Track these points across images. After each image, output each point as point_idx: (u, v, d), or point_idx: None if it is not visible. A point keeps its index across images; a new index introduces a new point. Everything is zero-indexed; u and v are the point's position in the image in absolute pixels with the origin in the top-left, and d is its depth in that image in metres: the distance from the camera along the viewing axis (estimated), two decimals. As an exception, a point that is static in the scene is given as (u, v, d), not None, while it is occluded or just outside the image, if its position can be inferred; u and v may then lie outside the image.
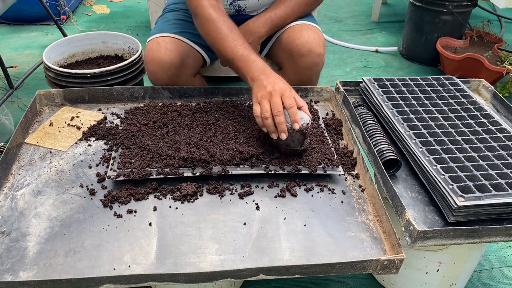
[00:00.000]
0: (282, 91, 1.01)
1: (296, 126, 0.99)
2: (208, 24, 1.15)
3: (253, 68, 1.08)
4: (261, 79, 1.05)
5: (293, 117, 0.99)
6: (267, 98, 1.01)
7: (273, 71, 1.09)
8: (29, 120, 1.16)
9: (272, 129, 1.00)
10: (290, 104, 1.00)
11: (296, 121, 0.99)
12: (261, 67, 1.08)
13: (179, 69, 1.30)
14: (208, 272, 0.79)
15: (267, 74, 1.06)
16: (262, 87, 1.03)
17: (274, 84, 1.03)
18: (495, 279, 1.36)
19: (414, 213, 0.95)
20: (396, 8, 3.34)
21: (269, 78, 1.05)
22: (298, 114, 1.00)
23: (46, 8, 2.18)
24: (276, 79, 1.05)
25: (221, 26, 1.14)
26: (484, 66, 2.18)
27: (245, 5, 1.33)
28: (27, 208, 0.92)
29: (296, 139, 1.01)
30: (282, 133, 0.99)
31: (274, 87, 1.02)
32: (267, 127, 1.01)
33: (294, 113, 0.99)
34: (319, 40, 1.32)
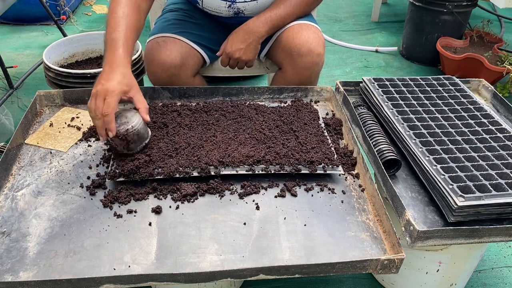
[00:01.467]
0: (107, 93, 0.97)
1: (110, 135, 0.97)
2: (112, 3, 1.12)
3: (109, 56, 1.03)
4: (103, 71, 1.01)
5: (106, 125, 0.96)
6: (94, 97, 0.98)
7: (126, 66, 1.02)
8: (29, 121, 1.16)
9: (99, 132, 0.98)
10: (105, 111, 0.95)
11: (109, 130, 0.97)
12: (116, 57, 1.02)
13: (179, 69, 1.30)
14: (208, 272, 0.79)
15: (112, 67, 1.01)
16: (98, 82, 1.00)
17: (105, 82, 0.98)
18: (495, 279, 1.36)
19: (414, 213, 0.95)
20: (396, 8, 3.34)
21: (110, 74, 1.00)
22: (125, 118, 0.99)
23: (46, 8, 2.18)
24: (115, 76, 0.99)
25: (118, 9, 1.09)
26: (484, 66, 2.18)
27: (244, 7, 1.33)
28: (27, 209, 0.92)
29: (119, 143, 1.00)
30: (100, 136, 0.98)
31: (102, 87, 0.97)
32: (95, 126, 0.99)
33: (107, 121, 0.96)
34: (318, 40, 1.32)
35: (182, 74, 1.32)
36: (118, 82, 0.99)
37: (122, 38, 1.05)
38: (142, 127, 1.01)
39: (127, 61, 1.04)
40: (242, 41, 1.29)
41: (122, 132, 0.98)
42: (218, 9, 1.35)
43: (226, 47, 1.32)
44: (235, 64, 1.34)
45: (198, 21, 1.42)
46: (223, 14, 1.37)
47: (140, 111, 1.01)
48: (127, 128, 0.98)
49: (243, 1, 1.32)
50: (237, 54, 1.30)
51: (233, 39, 1.30)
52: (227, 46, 1.31)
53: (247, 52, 1.30)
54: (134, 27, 1.10)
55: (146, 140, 1.03)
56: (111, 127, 0.96)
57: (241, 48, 1.29)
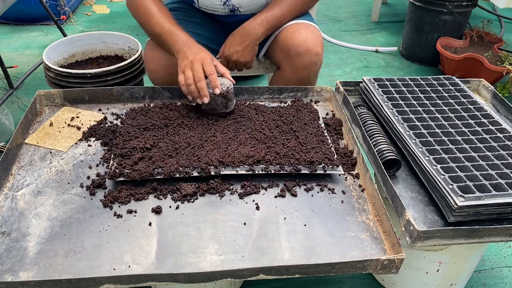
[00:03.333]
0: (203, 59, 1.11)
1: (217, 91, 1.10)
2: (137, 5, 1.23)
3: (177, 40, 1.17)
4: (184, 50, 1.14)
5: (213, 83, 1.10)
6: (189, 67, 1.10)
7: (196, 43, 1.17)
8: (29, 120, 1.16)
9: (196, 95, 1.10)
10: (210, 71, 1.10)
11: (216, 87, 1.10)
12: (184, 40, 1.17)
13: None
14: (208, 272, 0.79)
15: (189, 46, 1.15)
16: (185, 57, 1.13)
17: (195, 54, 1.12)
18: (495, 279, 1.36)
19: (414, 213, 0.95)
20: (396, 8, 3.34)
21: (191, 49, 1.14)
22: (218, 80, 1.11)
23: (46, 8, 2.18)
24: (197, 49, 1.14)
25: (151, 6, 1.22)
26: (484, 66, 2.18)
27: (239, 4, 1.33)
28: (27, 209, 0.92)
29: (220, 102, 1.13)
30: (204, 97, 1.09)
31: (195, 57, 1.11)
32: (191, 93, 1.11)
33: (214, 79, 1.10)
34: (316, 39, 1.32)
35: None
36: (205, 52, 1.15)
37: (175, 27, 1.20)
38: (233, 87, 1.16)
39: (195, 41, 1.18)
40: (239, 43, 1.29)
41: (225, 89, 1.12)
42: (213, 7, 1.35)
43: (224, 50, 1.32)
44: (234, 67, 1.34)
45: (196, 20, 1.42)
46: (219, 12, 1.37)
47: (226, 74, 1.15)
48: (228, 86, 1.13)
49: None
50: (235, 56, 1.30)
51: (231, 42, 1.31)
52: (224, 50, 1.32)
53: (245, 54, 1.30)
54: (172, 17, 1.24)
55: (234, 101, 1.18)
56: (218, 83, 1.10)
57: (238, 51, 1.29)
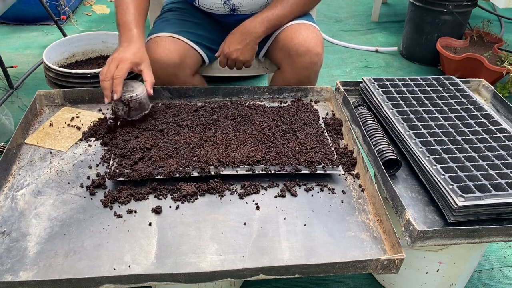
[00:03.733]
0: (121, 60, 1.08)
1: (114, 96, 1.06)
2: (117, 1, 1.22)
3: (126, 35, 1.15)
4: (121, 45, 1.14)
5: (114, 87, 1.06)
6: (109, 63, 1.09)
7: (138, 43, 1.14)
8: (29, 121, 1.16)
9: (105, 93, 1.08)
10: (116, 74, 1.07)
11: (115, 92, 1.06)
12: (130, 36, 1.14)
13: (178, 68, 1.30)
14: (208, 272, 0.79)
15: (129, 42, 1.13)
16: (114, 52, 1.12)
17: (121, 52, 1.11)
18: (495, 279, 1.36)
19: (414, 213, 0.95)
20: (396, 8, 3.34)
21: (127, 47, 1.12)
22: (132, 86, 1.10)
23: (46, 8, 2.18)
24: (131, 49, 1.12)
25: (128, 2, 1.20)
26: (484, 66, 2.18)
27: (239, 4, 1.33)
28: (27, 208, 0.92)
29: (121, 108, 1.09)
30: (105, 97, 1.07)
31: (119, 55, 1.10)
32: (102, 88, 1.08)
33: (116, 83, 1.06)
34: (317, 39, 1.32)
35: (181, 73, 1.32)
36: (132, 54, 1.11)
37: (133, 20, 1.17)
38: (145, 97, 1.11)
39: (141, 40, 1.16)
40: (239, 41, 1.29)
41: (127, 97, 1.08)
42: (213, 6, 1.35)
43: (223, 48, 1.32)
44: (233, 65, 1.34)
45: (197, 20, 1.42)
46: (219, 12, 1.37)
47: (146, 83, 1.12)
48: (131, 95, 1.09)
49: None
50: (234, 54, 1.30)
51: (230, 40, 1.31)
52: (224, 47, 1.32)
53: (245, 53, 1.30)
54: (142, 9, 1.22)
55: (146, 111, 1.13)
56: (117, 89, 1.06)
57: (238, 49, 1.29)
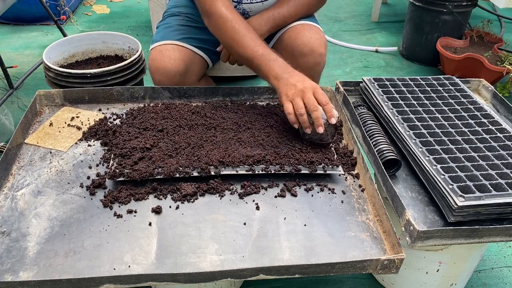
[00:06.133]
0: (314, 88, 1.06)
1: (333, 121, 1.04)
2: (224, 24, 1.16)
3: (275, 66, 1.10)
4: (285, 77, 1.08)
5: (330, 113, 1.05)
6: (299, 96, 1.05)
7: (295, 69, 1.11)
8: (29, 120, 1.16)
9: (307, 125, 1.05)
10: (325, 100, 1.05)
11: (333, 116, 1.05)
12: (283, 66, 1.11)
13: (184, 76, 1.30)
14: (208, 272, 0.79)
15: (289, 72, 1.09)
16: (291, 85, 1.07)
17: (303, 82, 1.07)
18: (495, 279, 1.36)
19: (414, 213, 0.95)
20: (396, 8, 3.33)
21: (295, 77, 1.08)
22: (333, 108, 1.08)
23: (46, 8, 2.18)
24: (301, 77, 1.09)
25: (239, 26, 1.15)
26: (484, 66, 2.18)
27: (249, 9, 1.33)
28: (27, 208, 0.92)
29: (330, 132, 1.07)
30: (319, 127, 1.03)
31: (304, 85, 1.06)
32: (302, 123, 1.05)
33: (330, 109, 1.05)
34: (320, 40, 1.32)
35: (188, 80, 1.32)
36: (310, 80, 1.09)
37: (269, 50, 1.14)
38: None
39: (291, 67, 1.12)
40: None
41: (339, 119, 1.09)
42: None
43: None
44: (235, 60, 1.34)
45: (200, 24, 1.41)
46: None
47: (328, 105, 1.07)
48: (337, 115, 1.08)
49: (248, 2, 1.32)
50: None
51: None
52: None
53: None
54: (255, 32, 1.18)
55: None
56: (333, 113, 1.05)
57: None
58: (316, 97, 1.05)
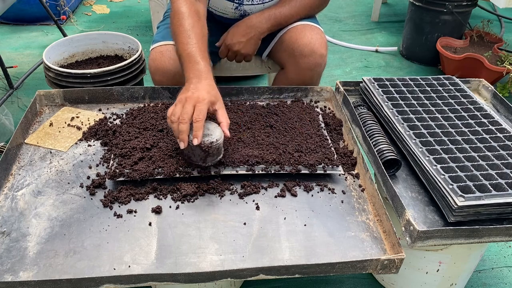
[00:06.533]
0: (198, 100, 0.97)
1: (195, 142, 0.93)
2: (174, 17, 1.13)
3: (193, 69, 1.04)
4: (190, 81, 1.02)
5: (194, 132, 0.94)
6: (181, 103, 0.97)
7: (210, 78, 1.03)
8: (29, 120, 1.16)
9: (176, 135, 0.97)
10: (197, 117, 0.95)
11: (196, 137, 0.93)
12: (200, 71, 1.03)
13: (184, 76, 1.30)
14: (208, 272, 0.79)
15: (199, 78, 1.02)
16: (185, 90, 1.00)
17: (195, 91, 0.99)
18: (495, 279, 1.36)
19: (414, 213, 0.95)
20: (396, 8, 3.34)
21: (198, 84, 1.00)
22: (209, 130, 0.98)
23: (46, 8, 2.18)
24: (203, 86, 1.00)
25: (184, 21, 1.10)
26: (484, 66, 2.18)
27: (250, 10, 1.34)
28: (27, 208, 0.92)
29: (197, 153, 0.97)
30: (180, 141, 0.95)
31: (193, 94, 0.98)
32: (173, 131, 0.98)
33: (197, 127, 0.94)
34: (321, 41, 1.32)
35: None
36: (207, 92, 0.99)
37: (198, 51, 1.06)
38: (222, 142, 0.99)
39: (211, 74, 1.05)
40: (243, 34, 1.29)
41: (207, 144, 0.95)
42: (224, 10, 1.35)
43: (226, 38, 1.32)
44: (234, 57, 1.34)
45: None
46: (229, 16, 1.37)
47: (222, 125, 0.99)
48: (211, 141, 0.96)
49: (249, 4, 1.32)
50: (236, 46, 1.30)
51: (234, 32, 1.30)
52: (227, 38, 1.31)
53: (247, 46, 1.30)
54: (203, 37, 1.11)
55: (221, 156, 1.00)
56: (198, 134, 0.93)
57: (241, 41, 1.29)
58: (194, 110, 0.95)
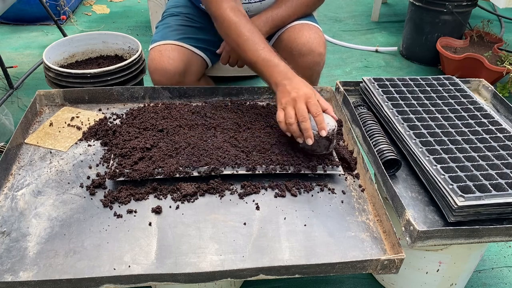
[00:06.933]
0: (307, 97, 1.01)
1: (323, 134, 0.98)
2: (229, 28, 1.15)
3: (276, 72, 1.07)
4: (284, 84, 1.04)
5: (320, 125, 0.99)
6: (291, 104, 1.01)
7: (296, 75, 1.07)
8: (29, 120, 1.16)
9: (298, 134, 1.00)
10: (316, 112, 0.99)
11: (323, 129, 0.98)
12: (284, 71, 1.07)
13: (183, 76, 1.30)
14: (208, 272, 0.79)
15: (290, 78, 1.05)
16: (286, 92, 1.03)
17: (298, 90, 1.02)
18: (495, 279, 1.36)
19: (414, 213, 0.95)
20: (396, 8, 3.33)
21: (293, 83, 1.04)
22: (324, 120, 1.01)
23: (46, 8, 2.18)
24: (300, 83, 1.04)
25: (242, 29, 1.13)
26: (484, 66, 2.18)
27: (248, 8, 1.34)
28: (27, 208, 0.92)
29: (322, 144, 1.02)
30: (308, 138, 0.98)
31: (298, 93, 1.01)
32: (292, 132, 1.01)
33: (321, 120, 0.99)
34: (319, 40, 1.32)
35: (187, 80, 1.33)
36: (307, 87, 1.03)
37: (271, 54, 1.09)
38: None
39: (293, 71, 1.07)
40: None
41: (330, 132, 1.00)
42: None
43: (227, 45, 1.32)
44: (235, 62, 1.34)
45: (200, 24, 1.42)
46: None
47: (329, 111, 1.03)
48: (332, 128, 1.00)
49: (247, 2, 1.32)
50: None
51: None
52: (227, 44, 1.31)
53: None
54: (263, 37, 1.14)
55: (335, 141, 1.05)
56: (324, 126, 0.98)
57: None
58: (308, 107, 1.00)
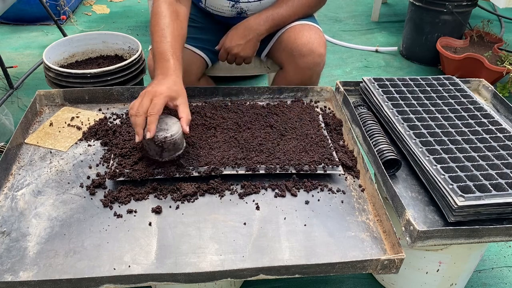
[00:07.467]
0: (155, 94, 0.97)
1: (147, 135, 0.93)
2: (153, 16, 1.14)
3: (162, 66, 1.04)
4: (157, 78, 1.03)
5: (147, 125, 0.94)
6: (141, 97, 0.98)
7: (175, 77, 1.03)
8: (29, 120, 1.16)
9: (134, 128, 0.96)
10: (151, 111, 0.94)
11: (148, 130, 0.93)
12: (168, 67, 1.03)
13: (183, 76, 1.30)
14: (208, 272, 0.79)
15: (164, 75, 1.02)
16: (149, 85, 1.02)
17: (155, 86, 0.99)
18: (495, 279, 1.36)
19: (414, 213, 0.95)
20: (396, 8, 3.34)
21: (162, 80, 1.01)
22: (167, 124, 0.97)
23: (46, 8, 2.18)
24: (166, 82, 1.00)
25: (161, 21, 1.10)
26: (484, 66, 2.18)
27: (247, 7, 1.34)
28: (27, 208, 0.92)
29: (153, 148, 0.97)
30: (136, 135, 0.95)
31: (153, 88, 0.99)
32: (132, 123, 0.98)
33: (150, 121, 0.94)
34: (320, 40, 1.32)
35: (187, 80, 1.32)
36: (168, 87, 0.99)
37: (170, 49, 1.06)
38: (180, 137, 0.98)
39: (178, 71, 1.05)
40: (242, 37, 1.29)
41: (160, 138, 0.95)
42: (221, 8, 1.35)
43: (225, 41, 1.32)
44: (233, 60, 1.34)
45: (199, 24, 1.42)
46: (226, 14, 1.37)
47: (182, 120, 0.99)
48: (165, 136, 0.95)
49: (246, 1, 1.32)
50: (235, 49, 1.30)
51: (233, 35, 1.31)
52: (226, 41, 1.32)
53: (246, 49, 1.30)
54: (178, 36, 1.11)
55: (180, 152, 1.00)
56: (151, 127, 0.93)
57: (240, 44, 1.29)
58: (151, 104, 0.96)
